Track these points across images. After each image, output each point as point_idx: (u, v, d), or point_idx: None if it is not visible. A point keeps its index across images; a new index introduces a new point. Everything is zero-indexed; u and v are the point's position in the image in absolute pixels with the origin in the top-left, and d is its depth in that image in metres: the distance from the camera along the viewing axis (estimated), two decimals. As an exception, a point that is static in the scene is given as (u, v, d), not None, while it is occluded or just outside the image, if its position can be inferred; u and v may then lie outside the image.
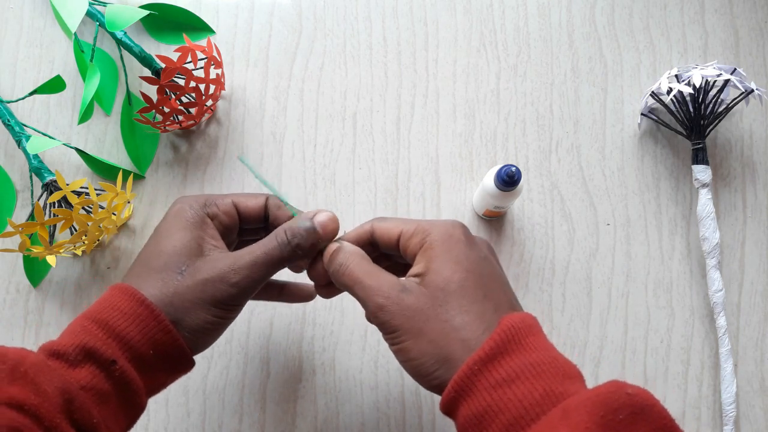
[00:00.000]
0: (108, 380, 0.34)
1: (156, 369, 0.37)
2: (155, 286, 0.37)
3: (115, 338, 0.35)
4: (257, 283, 0.38)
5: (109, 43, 0.61)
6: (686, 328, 0.56)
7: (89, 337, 0.34)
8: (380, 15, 0.62)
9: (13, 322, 0.56)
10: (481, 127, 0.60)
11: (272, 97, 0.60)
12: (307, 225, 0.38)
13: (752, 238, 0.58)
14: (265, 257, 0.38)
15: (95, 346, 0.34)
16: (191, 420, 0.54)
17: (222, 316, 0.38)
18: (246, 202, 0.41)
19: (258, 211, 0.41)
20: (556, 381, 0.31)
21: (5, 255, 0.57)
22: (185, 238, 0.38)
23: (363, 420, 0.54)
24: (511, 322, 0.33)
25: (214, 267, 0.37)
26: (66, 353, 0.34)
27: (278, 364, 0.55)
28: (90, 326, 0.35)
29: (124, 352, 0.35)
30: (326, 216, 0.39)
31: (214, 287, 0.37)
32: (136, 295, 0.36)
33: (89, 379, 0.34)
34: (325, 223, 0.39)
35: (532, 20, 0.62)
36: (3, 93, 0.60)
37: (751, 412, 0.55)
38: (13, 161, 0.59)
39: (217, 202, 0.40)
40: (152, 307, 0.36)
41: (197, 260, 0.38)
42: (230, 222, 0.41)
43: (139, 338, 0.35)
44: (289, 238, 0.38)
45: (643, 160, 0.59)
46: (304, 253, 0.38)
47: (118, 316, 0.35)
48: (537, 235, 0.58)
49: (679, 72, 0.56)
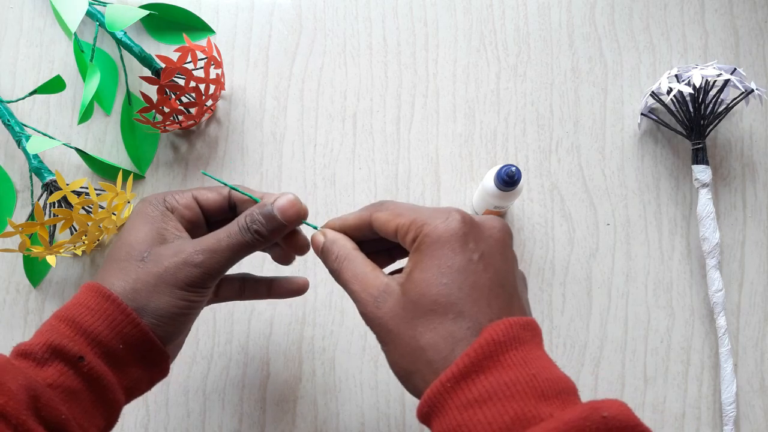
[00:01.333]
0: (77, 377, 0.34)
1: (129, 363, 0.36)
2: (118, 277, 0.37)
3: (82, 335, 0.35)
4: (220, 266, 0.38)
5: (109, 43, 0.61)
6: (686, 328, 0.56)
7: (56, 335, 0.34)
8: (380, 15, 0.62)
9: (13, 322, 0.56)
10: (481, 127, 0.60)
11: (272, 97, 0.60)
12: (266, 210, 0.38)
13: (752, 238, 0.58)
14: (227, 241, 0.38)
15: (62, 343, 0.34)
16: (191, 420, 0.54)
17: (187, 299, 0.37)
18: (206, 194, 0.41)
19: (220, 203, 0.41)
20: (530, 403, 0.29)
21: (5, 255, 0.57)
22: (147, 229, 0.38)
23: (363, 420, 0.54)
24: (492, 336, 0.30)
25: (177, 251, 0.37)
26: (33, 352, 0.34)
27: (278, 365, 0.55)
28: (57, 325, 0.35)
29: (92, 348, 0.35)
30: (285, 200, 0.38)
31: (177, 269, 0.37)
32: (102, 291, 0.36)
33: (56, 377, 0.33)
34: (284, 208, 0.38)
35: (532, 20, 0.62)
36: (3, 93, 0.60)
37: (751, 412, 0.55)
38: (13, 161, 0.59)
39: (176, 196, 0.40)
40: (118, 302, 0.35)
41: (160, 247, 0.38)
42: (192, 215, 0.41)
43: (107, 333, 0.35)
44: (249, 223, 0.38)
45: (643, 160, 0.59)
46: (265, 239, 0.38)
47: (85, 313, 0.35)
48: (537, 235, 0.58)
49: (679, 72, 0.56)
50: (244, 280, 0.45)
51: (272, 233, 0.38)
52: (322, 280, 0.57)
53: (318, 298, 0.56)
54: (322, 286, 0.57)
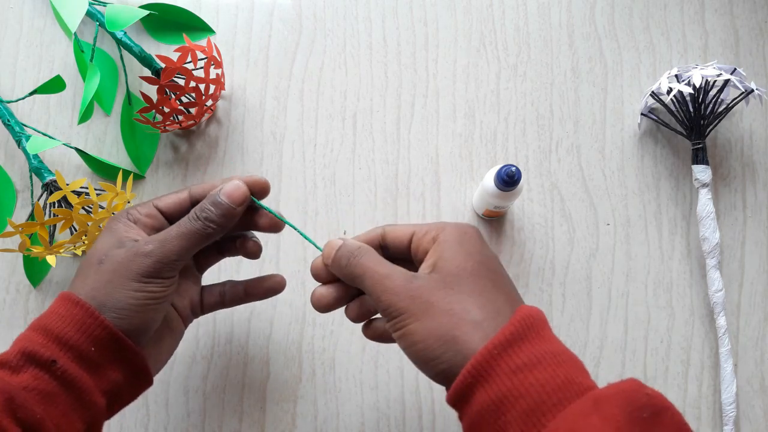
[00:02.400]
0: (52, 380, 0.35)
1: (103, 366, 0.37)
2: (80, 282, 0.38)
3: (53, 340, 0.36)
4: (172, 254, 0.39)
5: (109, 43, 0.61)
6: (686, 328, 0.56)
7: (29, 342, 0.36)
8: (380, 15, 0.62)
9: (13, 322, 0.56)
10: (481, 127, 0.60)
11: (272, 97, 0.60)
12: (214, 198, 0.40)
13: (752, 238, 0.58)
14: (177, 230, 0.39)
15: (34, 350, 0.35)
16: (191, 420, 0.54)
17: (143, 289, 0.38)
18: (165, 199, 0.42)
19: (180, 205, 0.42)
20: (576, 371, 0.32)
21: (5, 255, 0.57)
22: (107, 239, 0.40)
23: (363, 420, 0.54)
24: (529, 312, 0.33)
25: (130, 248, 0.39)
26: (8, 361, 0.35)
27: (278, 365, 0.55)
28: (30, 334, 0.36)
29: (65, 353, 0.36)
30: (231, 185, 0.40)
31: (129, 262, 0.38)
32: (71, 298, 0.37)
33: (30, 381, 0.35)
34: (229, 191, 0.40)
35: (532, 20, 0.62)
36: (3, 93, 0.60)
37: (751, 412, 0.55)
38: (13, 161, 0.59)
39: (138, 208, 0.42)
40: (86, 306, 0.37)
41: (116, 249, 0.39)
42: (155, 222, 0.42)
43: (77, 337, 0.36)
44: (198, 213, 0.39)
45: (643, 160, 0.59)
46: (219, 224, 0.40)
47: (56, 320, 0.36)
48: (537, 235, 0.58)
49: (679, 72, 0.56)
50: (224, 286, 0.46)
51: (223, 218, 0.40)
52: (322, 280, 0.57)
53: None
54: (322, 286, 0.57)
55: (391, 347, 0.55)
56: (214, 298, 0.46)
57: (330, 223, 0.58)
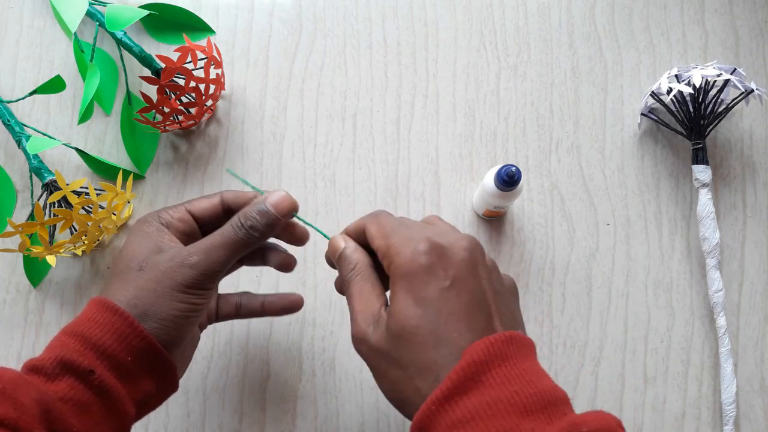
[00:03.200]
0: (88, 390, 0.35)
1: (137, 375, 0.37)
2: (120, 288, 0.38)
3: (92, 348, 0.35)
4: (216, 265, 0.38)
5: (109, 43, 0.61)
6: (686, 328, 0.56)
7: (66, 350, 0.35)
8: (380, 15, 0.62)
9: (13, 322, 0.56)
10: (481, 127, 0.60)
11: (272, 97, 0.60)
12: (260, 207, 0.39)
13: (752, 238, 0.58)
14: (220, 239, 0.39)
15: (72, 358, 0.35)
16: (191, 420, 0.54)
17: (186, 301, 0.38)
18: (198, 204, 0.42)
19: (212, 210, 0.42)
20: (512, 420, 0.29)
21: (5, 255, 0.57)
22: (143, 243, 0.39)
23: (363, 420, 0.54)
24: (473, 357, 0.31)
25: (173, 256, 0.38)
26: (44, 367, 0.35)
27: (278, 365, 0.55)
28: (67, 340, 0.36)
29: (102, 362, 0.35)
30: (278, 195, 0.40)
31: (174, 272, 0.37)
32: (109, 305, 0.37)
33: (67, 391, 0.34)
34: (277, 202, 0.40)
35: (532, 20, 0.62)
36: (3, 93, 0.60)
37: (751, 412, 0.55)
38: (13, 161, 0.59)
39: (170, 212, 0.42)
40: (125, 315, 0.36)
41: (156, 256, 0.39)
42: (186, 227, 0.42)
43: (115, 346, 0.36)
44: (242, 221, 0.39)
45: (643, 160, 0.59)
46: (261, 234, 0.39)
47: (93, 327, 0.36)
48: (537, 235, 0.58)
49: (679, 72, 0.56)
50: (241, 297, 0.47)
51: (267, 227, 0.39)
52: (321, 281, 0.57)
53: (318, 298, 0.56)
54: (322, 286, 0.57)
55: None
56: (230, 309, 0.46)
57: (330, 223, 0.58)
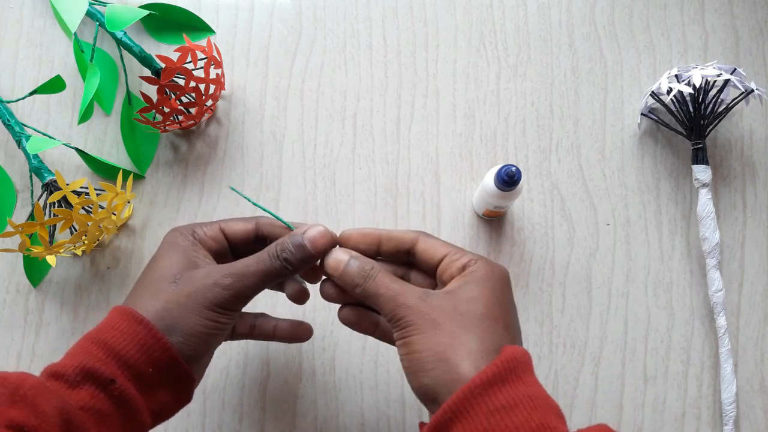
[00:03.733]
0: (108, 400, 0.35)
1: (156, 387, 0.37)
2: (150, 298, 0.38)
3: (114, 357, 0.35)
4: (248, 290, 0.39)
5: (109, 43, 0.61)
6: (686, 328, 0.56)
7: (89, 357, 0.35)
8: (380, 15, 0.62)
9: (13, 322, 0.56)
10: (481, 127, 0.60)
11: (272, 97, 0.60)
12: (296, 240, 0.39)
13: (752, 238, 0.58)
14: (256, 266, 0.39)
15: (94, 366, 0.35)
16: (191, 420, 0.54)
17: (215, 319, 0.38)
18: (233, 226, 0.42)
19: (246, 234, 0.42)
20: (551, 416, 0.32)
21: (5, 255, 0.57)
22: (178, 256, 0.40)
23: (363, 420, 0.54)
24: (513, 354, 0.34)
25: (208, 274, 0.39)
26: (66, 374, 0.35)
27: (278, 364, 0.55)
28: (90, 347, 0.36)
29: (123, 371, 0.35)
30: (316, 231, 0.40)
31: (207, 290, 0.38)
32: (134, 315, 0.37)
33: (88, 400, 0.34)
34: (314, 238, 0.40)
35: (532, 20, 0.62)
36: (3, 93, 0.60)
37: (751, 412, 0.55)
38: (13, 161, 0.59)
39: (204, 228, 0.42)
40: (150, 326, 0.36)
41: (191, 271, 0.39)
42: (218, 246, 0.42)
43: (138, 356, 0.36)
44: (278, 252, 0.39)
45: (643, 160, 0.59)
46: (294, 268, 0.39)
47: (117, 336, 0.36)
48: (537, 235, 0.58)
49: (679, 72, 0.56)
50: (256, 319, 0.47)
51: (301, 263, 0.39)
52: (322, 280, 0.57)
53: (318, 298, 0.56)
54: (322, 286, 0.57)
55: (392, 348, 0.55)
56: (245, 329, 0.46)
57: (330, 223, 0.58)
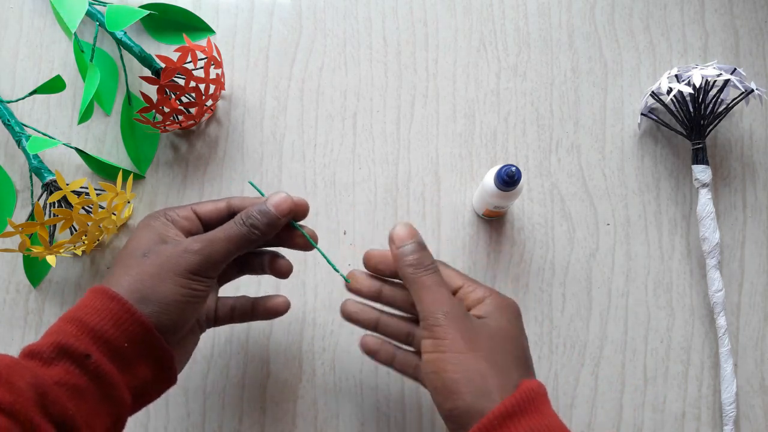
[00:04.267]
0: (83, 375, 0.35)
1: (134, 362, 0.37)
2: (122, 274, 0.39)
3: (88, 334, 0.36)
4: (218, 255, 0.40)
5: (109, 43, 0.61)
6: (686, 328, 0.56)
7: (63, 335, 0.36)
8: (380, 15, 0.62)
9: (13, 322, 0.56)
10: (481, 127, 0.60)
11: (272, 97, 0.60)
12: (261, 207, 0.41)
13: (752, 238, 0.58)
14: (224, 232, 0.41)
15: (68, 342, 0.35)
16: (191, 420, 0.54)
17: (188, 286, 0.39)
18: (204, 206, 0.44)
19: (218, 213, 0.44)
20: None
21: (5, 255, 0.57)
22: (149, 234, 0.41)
23: (363, 420, 0.54)
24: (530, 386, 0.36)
25: (177, 244, 0.40)
26: (41, 352, 0.35)
27: (278, 364, 0.55)
28: (64, 325, 0.36)
29: (99, 347, 0.36)
30: (279, 197, 0.42)
31: (177, 257, 0.39)
32: (107, 292, 0.37)
33: (63, 375, 0.34)
34: (278, 203, 0.42)
35: (532, 20, 0.62)
36: (3, 93, 0.60)
37: (751, 412, 0.55)
38: (13, 161, 0.59)
39: (176, 210, 0.43)
40: (123, 301, 0.37)
41: (161, 245, 0.40)
42: (191, 225, 0.43)
43: (112, 331, 0.36)
44: (245, 219, 0.41)
45: (643, 160, 0.59)
46: (261, 233, 0.41)
47: (91, 313, 0.37)
48: (537, 235, 0.58)
49: (679, 72, 0.56)
50: (236, 301, 0.47)
51: (268, 227, 0.41)
52: (322, 280, 0.57)
53: (318, 298, 0.56)
54: (322, 286, 0.57)
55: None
56: (226, 311, 0.47)
57: (330, 223, 0.58)
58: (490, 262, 0.57)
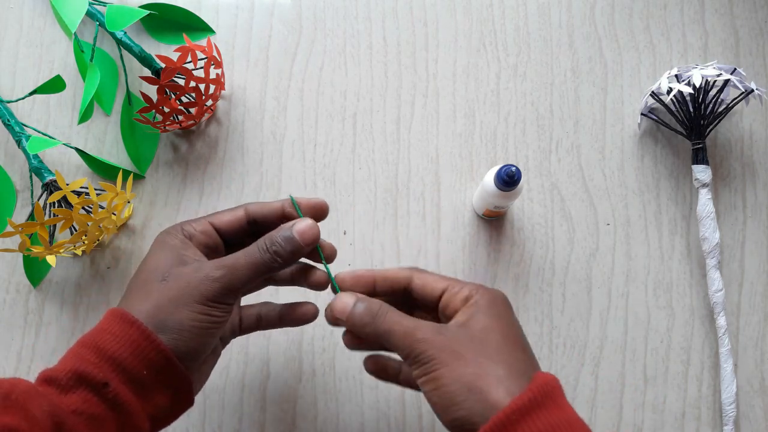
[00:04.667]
0: (101, 403, 0.34)
1: (153, 390, 0.36)
2: (140, 298, 0.38)
3: (107, 361, 0.35)
4: (239, 282, 0.39)
5: (109, 43, 0.61)
6: (686, 328, 0.56)
7: (81, 361, 0.35)
8: (380, 15, 0.62)
9: (13, 322, 0.56)
10: (481, 127, 0.60)
11: (272, 97, 0.60)
12: (285, 234, 0.40)
13: (752, 238, 0.58)
14: (245, 259, 0.39)
15: (86, 370, 0.34)
16: (191, 420, 0.54)
17: (207, 313, 0.38)
18: (220, 217, 0.42)
19: (236, 223, 0.42)
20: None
21: (5, 255, 0.57)
22: (167, 255, 0.39)
23: (363, 420, 0.54)
24: (545, 379, 0.35)
25: (197, 269, 0.38)
26: (58, 379, 0.34)
27: (278, 364, 0.55)
28: (82, 351, 0.35)
29: (117, 374, 0.35)
30: (305, 224, 0.40)
31: (197, 283, 0.38)
32: (126, 317, 0.36)
33: (80, 404, 0.34)
34: (303, 231, 0.40)
35: (532, 20, 0.62)
36: (3, 93, 0.60)
37: (751, 412, 0.55)
38: (13, 161, 0.59)
39: (193, 224, 0.42)
40: (142, 327, 0.36)
41: (180, 268, 0.39)
42: (209, 240, 0.42)
43: (131, 359, 0.35)
44: (268, 245, 0.39)
45: (643, 160, 0.59)
46: (284, 260, 0.40)
47: (109, 339, 0.36)
48: (537, 235, 0.58)
49: (679, 72, 0.56)
50: (261, 309, 0.46)
51: (290, 255, 0.40)
52: (322, 280, 0.57)
53: (318, 299, 0.56)
54: (322, 286, 0.57)
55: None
56: (251, 321, 0.46)
57: (330, 223, 0.58)
58: (490, 262, 0.57)
